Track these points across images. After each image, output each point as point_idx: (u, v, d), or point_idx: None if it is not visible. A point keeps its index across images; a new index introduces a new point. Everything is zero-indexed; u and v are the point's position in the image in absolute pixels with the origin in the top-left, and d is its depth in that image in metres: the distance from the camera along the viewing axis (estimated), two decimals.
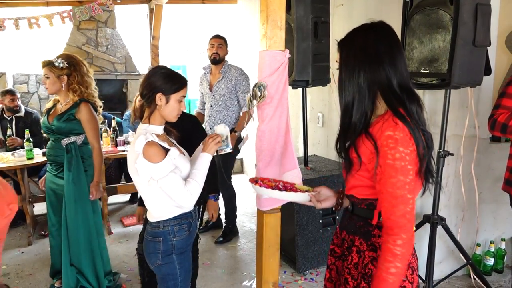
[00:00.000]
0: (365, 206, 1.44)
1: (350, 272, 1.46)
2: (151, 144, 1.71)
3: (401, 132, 1.27)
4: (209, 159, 1.88)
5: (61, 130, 2.75)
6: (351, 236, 1.49)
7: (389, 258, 1.27)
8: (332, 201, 1.60)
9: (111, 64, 6.61)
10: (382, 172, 1.29)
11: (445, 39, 2.34)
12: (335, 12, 3.69)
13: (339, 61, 1.44)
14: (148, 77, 1.85)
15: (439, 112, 2.73)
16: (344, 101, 1.42)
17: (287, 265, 3.35)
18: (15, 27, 4.91)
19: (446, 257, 3.12)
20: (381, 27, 1.41)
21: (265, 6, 1.93)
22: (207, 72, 3.87)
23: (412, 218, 1.29)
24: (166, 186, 1.75)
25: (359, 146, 1.38)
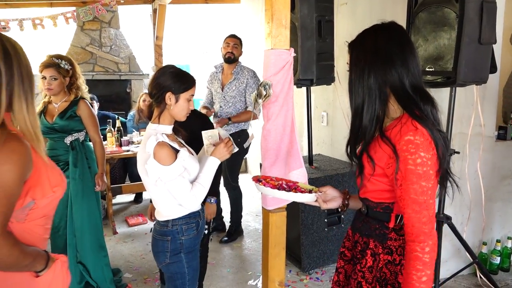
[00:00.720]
0: (381, 209, 1.41)
1: (364, 276, 1.42)
2: (161, 145, 1.71)
3: (421, 137, 1.24)
4: (217, 164, 1.88)
5: (64, 128, 2.78)
6: (365, 238, 1.45)
7: (419, 266, 1.24)
8: (338, 201, 1.58)
9: (115, 64, 6.63)
10: (403, 177, 1.26)
11: (451, 37, 2.33)
12: (339, 11, 3.68)
13: (349, 62, 1.42)
14: (157, 77, 1.85)
15: (444, 111, 2.71)
16: (354, 104, 1.39)
17: (292, 264, 3.35)
18: (19, 28, 4.94)
19: (452, 256, 3.11)
20: (392, 27, 1.38)
21: (269, 5, 1.93)
22: (218, 71, 3.81)
23: (434, 223, 1.27)
24: (173, 188, 1.76)
25: (375, 151, 1.35)
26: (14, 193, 1.12)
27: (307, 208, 3.09)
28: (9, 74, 1.14)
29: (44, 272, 1.23)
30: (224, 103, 3.69)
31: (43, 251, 1.26)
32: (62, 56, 2.79)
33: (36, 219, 1.24)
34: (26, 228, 1.22)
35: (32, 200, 1.19)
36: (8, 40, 1.18)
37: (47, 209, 1.27)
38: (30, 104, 1.19)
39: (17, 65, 1.16)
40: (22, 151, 1.13)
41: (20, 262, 1.14)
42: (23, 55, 1.20)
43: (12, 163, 1.09)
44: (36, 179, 1.19)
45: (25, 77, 1.17)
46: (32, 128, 1.18)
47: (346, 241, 1.59)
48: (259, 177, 1.79)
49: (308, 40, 2.89)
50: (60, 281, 1.29)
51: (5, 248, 1.09)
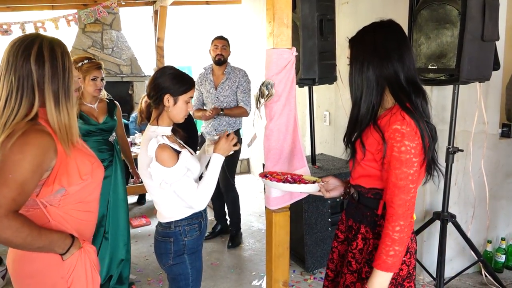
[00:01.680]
0: (371, 195, 1.51)
1: (354, 256, 1.55)
2: (163, 148, 1.70)
3: (408, 126, 1.35)
4: (221, 160, 1.86)
5: (112, 128, 2.89)
6: (357, 224, 1.57)
7: (388, 242, 1.37)
8: (340, 190, 1.72)
9: (117, 66, 6.64)
10: (388, 162, 1.39)
11: (453, 34, 2.32)
12: (340, 10, 3.67)
13: (350, 57, 1.53)
14: (156, 78, 1.82)
15: (447, 108, 2.71)
16: (354, 95, 1.51)
17: (296, 264, 3.34)
18: (21, 31, 4.95)
19: (457, 255, 3.10)
20: (390, 25, 1.49)
21: (271, 5, 1.93)
22: (208, 72, 3.83)
23: (412, 206, 1.39)
24: (180, 189, 1.74)
25: (366, 137, 1.46)
26: (26, 181, 1.21)
27: (311, 208, 3.08)
28: (41, 74, 1.27)
29: (66, 256, 1.34)
30: (218, 103, 3.70)
31: (68, 236, 1.35)
32: (89, 57, 2.86)
33: (71, 204, 1.36)
34: (61, 212, 1.35)
35: (62, 188, 1.31)
36: (47, 42, 1.30)
37: (81, 195, 1.38)
38: (60, 102, 1.31)
39: (49, 66, 1.28)
40: (38, 143, 1.23)
41: (31, 243, 1.23)
42: (60, 57, 1.31)
43: (25, 153, 1.20)
44: (64, 169, 1.30)
45: (57, 77, 1.30)
46: (57, 124, 1.29)
47: (340, 224, 1.71)
48: (266, 173, 1.87)
49: (309, 39, 2.89)
50: (83, 268, 1.37)
51: (10, 229, 1.18)
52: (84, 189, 1.39)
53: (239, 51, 5.70)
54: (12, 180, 1.19)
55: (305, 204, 3.04)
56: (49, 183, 1.29)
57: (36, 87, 1.27)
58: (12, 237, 1.19)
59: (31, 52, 1.26)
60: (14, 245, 1.24)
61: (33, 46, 1.27)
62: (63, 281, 1.35)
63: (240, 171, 6.18)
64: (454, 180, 2.96)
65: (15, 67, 1.26)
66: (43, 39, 1.30)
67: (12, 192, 1.18)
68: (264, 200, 2.16)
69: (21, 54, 1.26)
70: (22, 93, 1.26)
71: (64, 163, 1.31)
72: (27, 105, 1.27)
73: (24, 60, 1.26)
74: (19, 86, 1.26)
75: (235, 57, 3.89)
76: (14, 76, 1.26)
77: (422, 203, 3.01)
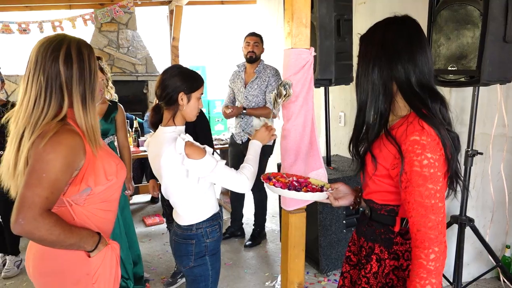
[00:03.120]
0: (385, 212, 1.35)
1: (368, 282, 1.36)
2: (190, 144, 1.70)
3: (428, 137, 1.18)
4: (260, 147, 1.91)
5: (105, 132, 2.81)
6: (370, 243, 1.40)
7: (423, 274, 1.18)
8: (349, 199, 1.55)
9: (132, 65, 6.69)
10: (409, 179, 1.20)
11: (474, 35, 2.28)
12: (357, 10, 3.64)
13: (358, 56, 1.38)
14: (166, 78, 1.80)
15: (466, 110, 2.66)
16: (359, 99, 1.35)
17: (310, 266, 3.32)
18: (39, 30, 5.02)
19: (475, 259, 3.04)
20: (404, 21, 1.33)
21: (289, 4, 1.91)
22: (241, 70, 3.75)
23: (444, 228, 1.20)
24: (220, 176, 1.75)
25: (379, 149, 1.30)
26: (58, 180, 1.24)
27: (325, 210, 3.06)
28: (69, 75, 1.29)
29: (94, 253, 1.36)
30: (247, 103, 3.63)
31: (95, 233, 1.37)
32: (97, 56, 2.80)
33: (96, 203, 1.39)
34: (85, 211, 1.37)
35: (88, 187, 1.34)
36: (75, 43, 1.33)
37: (105, 195, 1.41)
38: (87, 104, 1.33)
39: (77, 67, 1.30)
40: (69, 143, 1.26)
41: (63, 240, 1.26)
42: (87, 58, 1.34)
43: (57, 153, 1.23)
44: (91, 169, 1.33)
45: (84, 79, 1.32)
46: (85, 125, 1.32)
47: (351, 245, 1.54)
48: (269, 175, 1.75)
49: (326, 39, 2.87)
50: (108, 265, 1.40)
51: (44, 227, 1.20)
52: (108, 189, 1.41)
53: None
54: (46, 179, 1.21)
55: (319, 205, 3.02)
56: (76, 182, 1.31)
57: (64, 87, 1.29)
58: (46, 235, 1.22)
59: (60, 53, 1.28)
60: (48, 242, 1.26)
61: (62, 47, 1.29)
62: (88, 277, 1.36)
63: None
64: (473, 183, 2.91)
65: (43, 68, 1.27)
66: (71, 40, 1.32)
67: (45, 191, 1.21)
68: (280, 201, 2.15)
69: (49, 55, 1.28)
70: (51, 94, 1.28)
71: (92, 164, 1.33)
72: (56, 106, 1.29)
73: (53, 60, 1.28)
74: (47, 86, 1.28)
75: None
76: (43, 76, 1.27)
77: None
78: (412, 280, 1.20)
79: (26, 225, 1.18)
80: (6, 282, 3.22)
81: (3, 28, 4.91)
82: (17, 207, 1.19)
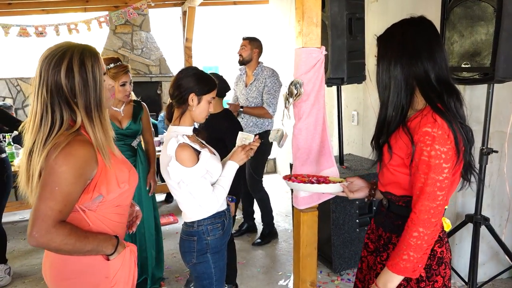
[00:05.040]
0: (403, 203, 1.43)
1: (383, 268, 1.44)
2: (183, 147, 1.72)
3: (439, 129, 1.27)
4: (235, 168, 1.91)
5: (134, 133, 2.84)
6: (388, 233, 1.49)
7: (403, 246, 1.32)
8: (365, 191, 1.65)
9: (146, 66, 6.76)
10: (416, 166, 1.31)
11: (488, 32, 2.25)
12: (370, 8, 3.62)
13: (377, 55, 1.47)
14: (180, 78, 1.85)
15: (481, 108, 2.63)
16: (382, 95, 1.45)
17: (323, 265, 3.32)
18: (55, 33, 5.11)
19: (490, 259, 3.00)
20: (421, 22, 1.42)
21: (300, 4, 1.92)
22: (243, 73, 3.87)
23: (437, 214, 1.30)
24: (195, 190, 1.76)
25: (395, 140, 1.39)
26: (71, 192, 1.25)
27: (338, 208, 3.06)
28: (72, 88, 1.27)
29: (114, 256, 1.37)
30: (247, 104, 3.73)
31: (113, 237, 1.38)
32: (113, 58, 2.79)
33: (109, 208, 1.39)
34: (99, 216, 1.37)
35: (100, 195, 1.34)
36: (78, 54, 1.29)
37: (118, 201, 1.41)
38: (93, 115, 1.31)
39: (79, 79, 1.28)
40: (81, 154, 1.25)
41: (80, 248, 1.27)
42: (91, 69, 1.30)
43: (69, 165, 1.22)
44: (103, 177, 1.33)
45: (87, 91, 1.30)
46: (93, 136, 1.30)
47: (370, 233, 1.63)
48: (290, 175, 1.84)
49: (338, 38, 2.86)
50: (127, 267, 1.41)
51: (58, 237, 1.22)
52: (121, 195, 1.41)
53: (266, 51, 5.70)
54: (59, 192, 1.22)
55: (332, 204, 3.01)
56: (88, 190, 1.31)
57: (70, 100, 1.28)
58: (61, 245, 1.23)
59: (61, 67, 1.26)
60: (65, 252, 1.27)
61: (64, 60, 1.27)
62: (107, 280, 1.37)
63: (267, 171, 6.17)
64: (488, 182, 2.88)
65: (46, 82, 1.27)
66: (74, 51, 1.29)
67: (58, 204, 1.22)
68: (292, 200, 2.15)
69: (52, 68, 1.26)
70: (57, 107, 1.27)
71: (104, 172, 1.33)
72: (66, 118, 1.28)
73: (54, 74, 1.26)
74: (53, 101, 1.27)
75: (263, 57, 3.88)
76: (46, 91, 1.27)
77: (454, 205, 2.93)
78: (396, 248, 1.36)
79: (40, 238, 1.20)
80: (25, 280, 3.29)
81: (20, 32, 5.01)
82: (31, 220, 1.20)
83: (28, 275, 3.38)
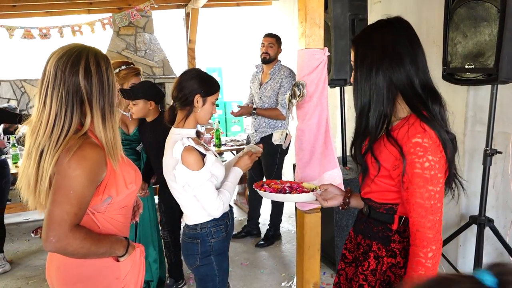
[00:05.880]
0: (384, 210, 1.37)
1: (366, 279, 1.38)
2: (189, 150, 1.71)
3: (430, 139, 1.20)
4: (240, 174, 1.92)
5: (140, 139, 2.82)
6: (367, 240, 1.42)
7: (421, 271, 1.22)
8: (339, 200, 1.57)
9: (149, 68, 6.77)
10: (410, 180, 1.23)
11: (492, 33, 2.24)
12: (373, 9, 3.62)
13: (354, 60, 1.36)
14: (184, 80, 1.83)
15: (485, 109, 2.62)
16: (360, 103, 1.34)
17: (326, 266, 3.31)
18: (59, 35, 5.14)
19: (495, 260, 2.98)
20: (399, 23, 1.32)
21: (303, 5, 1.92)
22: (259, 70, 3.78)
23: (440, 226, 1.24)
24: (201, 194, 1.76)
25: (380, 151, 1.31)
26: (85, 195, 1.25)
27: (341, 210, 3.05)
28: (89, 89, 1.27)
29: (124, 257, 1.38)
30: (261, 103, 3.67)
31: (123, 238, 1.39)
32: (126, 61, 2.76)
33: (116, 210, 1.39)
34: (107, 218, 1.38)
35: (109, 196, 1.34)
36: (93, 55, 1.29)
37: (125, 202, 1.42)
38: (106, 117, 1.31)
39: (97, 81, 1.28)
40: (93, 157, 1.25)
41: (95, 251, 1.28)
42: (105, 71, 1.30)
43: (82, 168, 1.22)
44: (112, 180, 1.33)
45: (103, 93, 1.30)
46: (105, 140, 1.30)
47: (348, 243, 1.55)
48: (262, 183, 1.84)
49: (341, 39, 2.86)
50: (137, 268, 1.42)
51: (75, 242, 1.22)
52: (128, 196, 1.42)
53: None
54: (73, 195, 1.21)
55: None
56: (98, 193, 1.31)
57: (86, 102, 1.27)
58: (78, 249, 1.23)
59: (80, 67, 1.25)
60: (81, 255, 1.27)
61: (81, 60, 1.26)
62: (117, 282, 1.37)
63: None
64: (492, 183, 2.86)
65: (64, 82, 1.24)
66: (89, 52, 1.29)
67: (74, 207, 1.22)
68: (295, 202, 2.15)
69: (70, 69, 1.24)
70: (72, 109, 1.26)
71: (113, 174, 1.33)
72: (77, 120, 1.27)
73: (73, 75, 1.24)
74: (68, 101, 1.25)
75: None
76: (64, 91, 1.24)
77: (458, 207, 2.92)
78: (410, 276, 1.24)
79: (58, 242, 1.19)
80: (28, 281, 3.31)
81: (24, 34, 5.04)
82: (47, 225, 1.19)
83: (32, 276, 3.39)
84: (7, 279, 3.35)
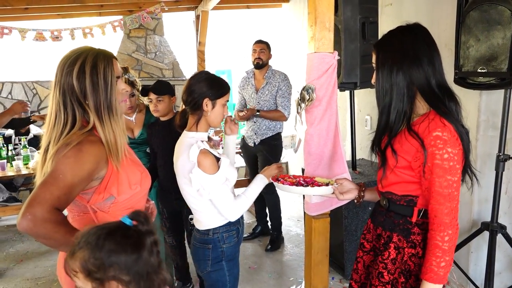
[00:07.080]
0: (404, 202, 1.47)
1: (386, 267, 1.48)
2: (205, 153, 1.69)
3: (449, 133, 1.32)
4: (265, 183, 1.90)
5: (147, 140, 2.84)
6: (388, 232, 1.52)
7: (438, 254, 1.34)
8: (354, 193, 1.68)
9: (159, 70, 6.80)
10: (430, 171, 1.34)
11: (505, 36, 2.21)
12: (383, 12, 3.59)
13: (376, 62, 1.48)
14: (193, 83, 1.82)
15: (498, 114, 2.58)
16: (382, 102, 1.46)
17: (335, 272, 3.28)
18: (71, 37, 5.18)
19: (507, 268, 2.93)
20: (418, 28, 1.45)
21: (313, 8, 1.91)
22: (250, 76, 3.88)
23: (456, 213, 1.36)
24: (217, 198, 1.74)
25: (401, 144, 1.42)
26: (74, 184, 1.24)
27: (351, 214, 3.02)
28: (82, 89, 1.30)
29: None
30: (259, 107, 3.74)
31: None
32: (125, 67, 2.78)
33: (120, 210, 1.37)
34: (111, 218, 1.33)
35: (112, 196, 1.36)
36: (92, 56, 1.32)
37: (130, 203, 1.42)
38: (103, 116, 1.33)
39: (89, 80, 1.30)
40: (91, 152, 1.28)
41: (68, 241, 1.21)
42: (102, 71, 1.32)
43: (76, 158, 1.25)
44: (114, 179, 1.35)
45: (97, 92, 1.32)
46: (104, 138, 1.32)
47: (366, 233, 1.66)
48: (277, 176, 1.87)
49: (351, 42, 2.84)
50: None
51: (50, 225, 1.19)
52: (133, 197, 1.42)
53: (279, 55, 5.69)
54: (61, 179, 1.22)
55: (345, 210, 2.98)
56: (100, 191, 1.33)
57: (83, 101, 1.31)
58: (52, 233, 1.19)
59: (74, 68, 1.30)
60: (53, 241, 1.22)
61: (77, 61, 1.31)
62: None
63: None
64: (505, 189, 2.81)
65: (60, 83, 1.31)
66: (89, 54, 1.33)
67: (59, 190, 1.21)
68: (304, 206, 2.13)
69: (65, 70, 1.31)
70: (67, 107, 1.31)
71: (115, 173, 1.34)
72: (79, 119, 1.31)
73: (67, 75, 1.30)
74: (65, 101, 1.31)
75: (276, 61, 3.89)
76: (59, 92, 1.31)
77: (469, 213, 2.88)
78: (429, 259, 1.36)
79: (32, 221, 1.16)
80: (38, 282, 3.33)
81: (36, 36, 5.08)
82: (27, 202, 1.18)
83: (42, 277, 3.41)
84: (16, 279, 3.37)
